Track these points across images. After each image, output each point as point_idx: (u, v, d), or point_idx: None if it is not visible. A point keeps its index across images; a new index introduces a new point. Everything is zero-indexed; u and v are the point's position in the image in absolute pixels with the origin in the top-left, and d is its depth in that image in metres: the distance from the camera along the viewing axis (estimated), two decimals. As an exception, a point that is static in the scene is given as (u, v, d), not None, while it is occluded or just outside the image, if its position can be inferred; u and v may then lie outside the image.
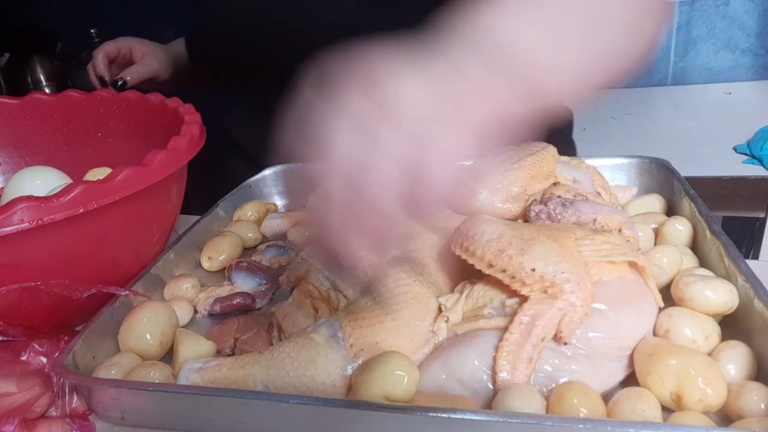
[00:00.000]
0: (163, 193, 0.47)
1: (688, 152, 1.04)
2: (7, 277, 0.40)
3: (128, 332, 0.43)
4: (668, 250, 0.44)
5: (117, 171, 0.42)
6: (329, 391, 0.36)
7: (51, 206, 0.39)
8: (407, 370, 0.34)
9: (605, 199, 0.51)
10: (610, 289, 0.37)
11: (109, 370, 0.40)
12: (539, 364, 0.35)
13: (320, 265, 0.47)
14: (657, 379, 0.34)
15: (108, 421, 0.39)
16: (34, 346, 0.41)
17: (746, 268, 0.39)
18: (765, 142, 0.96)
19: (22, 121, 0.65)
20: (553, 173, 0.50)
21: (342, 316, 0.39)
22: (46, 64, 1.51)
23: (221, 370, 0.38)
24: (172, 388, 0.38)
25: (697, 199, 0.49)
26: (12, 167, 0.65)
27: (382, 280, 0.41)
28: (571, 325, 0.34)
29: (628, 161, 0.59)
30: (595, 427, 0.29)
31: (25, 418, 0.37)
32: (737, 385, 0.33)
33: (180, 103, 0.57)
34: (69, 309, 0.45)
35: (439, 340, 0.38)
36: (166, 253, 0.52)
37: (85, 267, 0.44)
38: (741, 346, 0.36)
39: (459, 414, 0.31)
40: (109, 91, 0.65)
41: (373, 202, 0.31)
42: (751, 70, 1.37)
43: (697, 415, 0.32)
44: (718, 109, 1.24)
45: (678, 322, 0.38)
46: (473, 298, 0.39)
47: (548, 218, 0.44)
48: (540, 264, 0.35)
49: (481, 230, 0.38)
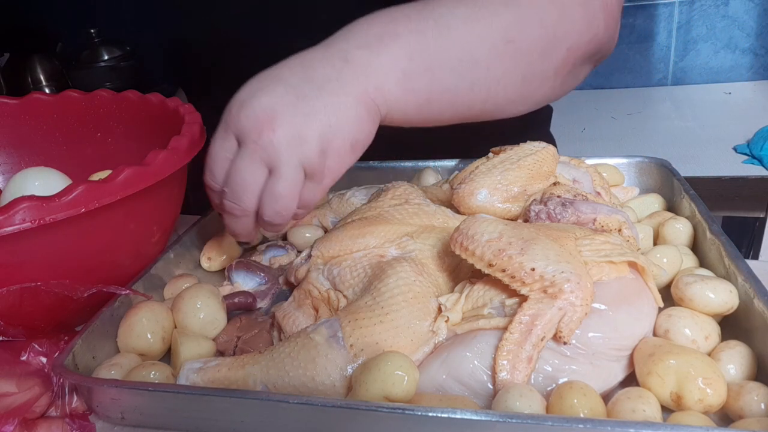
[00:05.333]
0: (164, 193, 0.47)
1: (688, 152, 1.04)
2: (7, 277, 0.40)
3: (128, 332, 0.43)
4: (668, 250, 0.44)
5: (118, 171, 0.42)
6: (329, 391, 0.36)
7: (53, 206, 0.39)
8: (407, 370, 0.34)
9: (605, 199, 0.51)
10: (610, 289, 0.37)
11: (109, 370, 0.40)
12: (539, 364, 0.35)
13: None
14: (657, 379, 0.34)
15: (108, 421, 0.39)
16: (34, 346, 0.41)
17: (746, 268, 0.39)
18: (765, 142, 0.96)
19: (21, 121, 0.65)
20: (553, 173, 0.50)
21: (342, 316, 0.39)
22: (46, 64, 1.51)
23: (221, 370, 0.38)
24: (172, 388, 0.38)
25: (697, 199, 0.49)
26: (12, 167, 0.65)
27: (382, 280, 0.41)
28: (571, 325, 0.34)
29: (628, 161, 0.59)
30: (595, 427, 0.29)
31: (25, 418, 0.37)
32: (737, 385, 0.33)
33: (180, 103, 0.57)
34: (69, 309, 0.45)
35: (439, 340, 0.38)
36: (166, 253, 0.52)
37: (85, 267, 0.44)
38: (741, 346, 0.36)
39: (459, 414, 0.31)
40: (109, 91, 0.65)
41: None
42: (751, 70, 1.37)
43: (697, 415, 0.32)
44: (718, 109, 1.24)
45: (678, 322, 0.38)
46: (473, 298, 0.39)
47: (548, 218, 0.44)
48: (540, 264, 0.35)
49: (480, 230, 0.38)
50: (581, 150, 1.12)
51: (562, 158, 0.54)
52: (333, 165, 0.42)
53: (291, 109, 0.40)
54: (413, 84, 0.44)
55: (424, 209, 0.50)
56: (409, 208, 0.50)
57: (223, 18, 0.68)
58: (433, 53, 0.44)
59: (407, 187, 0.53)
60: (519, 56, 0.46)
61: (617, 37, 0.54)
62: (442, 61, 0.44)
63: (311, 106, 0.41)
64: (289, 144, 0.40)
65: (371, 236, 0.47)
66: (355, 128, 0.42)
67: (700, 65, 1.39)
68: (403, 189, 0.53)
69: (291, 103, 0.40)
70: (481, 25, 0.45)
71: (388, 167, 0.65)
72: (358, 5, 0.62)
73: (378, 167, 0.65)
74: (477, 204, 0.47)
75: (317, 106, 0.41)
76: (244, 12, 0.66)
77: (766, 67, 1.36)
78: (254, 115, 0.40)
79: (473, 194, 0.47)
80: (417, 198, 0.51)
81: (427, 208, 0.50)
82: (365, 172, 0.65)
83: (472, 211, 0.47)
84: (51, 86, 1.51)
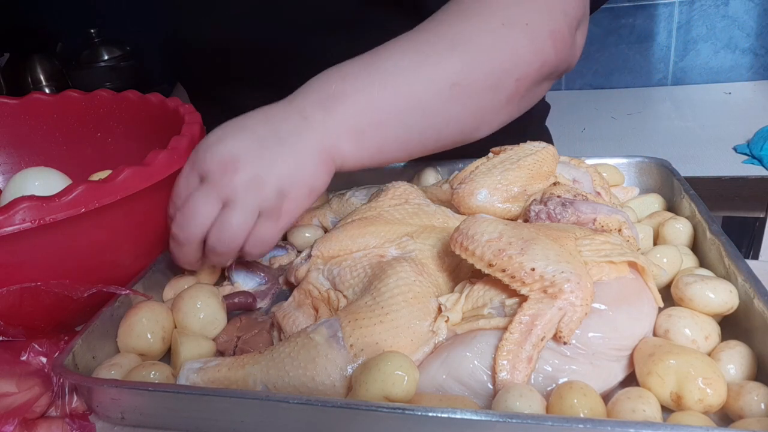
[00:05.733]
0: (164, 193, 0.47)
1: (688, 152, 1.04)
2: (7, 277, 0.40)
3: (128, 332, 0.43)
4: (668, 250, 0.44)
5: (118, 171, 0.42)
6: (329, 391, 0.36)
7: (53, 206, 0.39)
8: (407, 370, 0.34)
9: (605, 199, 0.51)
10: (610, 289, 0.37)
11: (109, 370, 0.40)
12: (539, 364, 0.35)
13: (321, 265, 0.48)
14: (657, 379, 0.34)
15: (108, 421, 0.39)
16: (34, 346, 0.41)
17: (746, 268, 0.39)
18: (765, 142, 0.96)
19: (21, 121, 0.65)
20: (553, 173, 0.50)
21: (342, 316, 0.39)
22: (46, 64, 1.51)
23: (221, 370, 0.38)
24: (172, 388, 0.38)
25: (697, 199, 0.49)
26: (12, 167, 0.65)
27: (382, 280, 0.41)
28: (571, 325, 0.34)
29: (628, 161, 0.59)
30: (595, 427, 0.29)
31: (25, 418, 0.37)
32: (737, 385, 0.33)
33: (180, 103, 0.57)
34: (69, 309, 0.45)
35: (439, 340, 0.38)
36: (166, 253, 0.52)
37: (85, 267, 0.44)
38: (741, 346, 0.36)
39: (459, 414, 0.31)
40: (109, 91, 0.65)
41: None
42: (751, 70, 1.37)
43: (697, 415, 0.32)
44: (718, 109, 1.24)
45: (678, 322, 0.38)
46: (473, 298, 0.39)
47: (548, 218, 0.44)
48: (539, 264, 0.35)
49: (480, 230, 0.38)
50: (581, 150, 1.12)
51: (562, 158, 0.54)
52: (290, 208, 0.45)
53: (253, 155, 0.43)
54: (365, 140, 0.47)
55: (424, 209, 0.50)
56: (409, 208, 0.50)
57: (223, 18, 0.68)
58: (380, 108, 0.47)
59: (407, 187, 0.53)
60: (466, 97, 0.48)
61: (578, 53, 0.55)
62: (389, 114, 0.47)
63: (273, 154, 0.44)
64: (248, 186, 0.43)
65: (371, 236, 0.47)
66: (312, 177, 0.45)
67: (700, 65, 1.39)
68: (403, 189, 0.53)
69: (254, 150, 0.44)
70: (426, 73, 0.47)
71: (388, 167, 0.65)
72: (357, 5, 0.62)
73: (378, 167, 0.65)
74: (477, 204, 0.47)
75: (278, 155, 0.44)
76: (244, 12, 0.66)
77: (766, 67, 1.36)
78: (219, 158, 0.43)
79: (473, 194, 0.47)
80: (417, 198, 0.51)
81: (427, 208, 0.50)
82: (365, 172, 0.64)
83: (472, 211, 0.47)
84: (51, 86, 1.51)
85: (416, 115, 0.47)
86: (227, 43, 0.69)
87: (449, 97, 0.48)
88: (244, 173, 0.43)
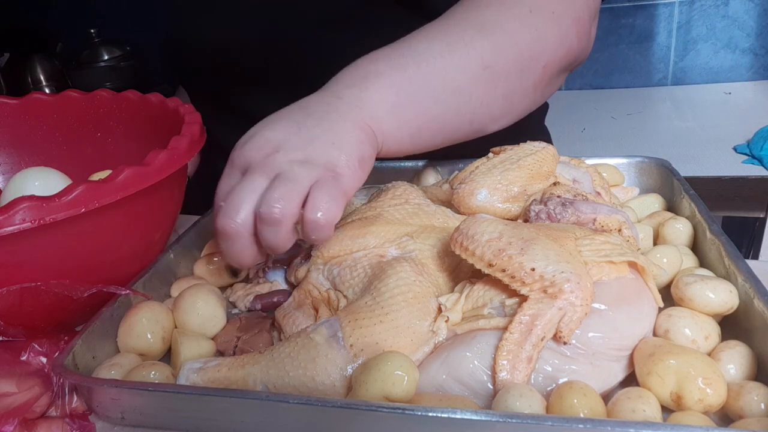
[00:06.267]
0: (164, 193, 0.47)
1: (688, 152, 1.04)
2: (7, 277, 0.40)
3: (128, 332, 0.43)
4: (668, 250, 0.44)
5: (118, 171, 0.42)
6: (329, 391, 0.36)
7: (53, 206, 0.39)
8: (407, 370, 0.34)
9: (605, 199, 0.51)
10: (610, 289, 0.37)
11: (109, 370, 0.40)
12: (539, 364, 0.35)
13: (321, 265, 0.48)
14: (657, 379, 0.34)
15: (108, 421, 0.39)
16: (34, 346, 0.41)
17: (746, 268, 0.39)
18: (765, 142, 0.96)
19: (21, 121, 0.65)
20: (553, 173, 0.50)
21: (342, 316, 0.39)
22: (46, 64, 1.52)
23: (221, 370, 0.38)
24: (172, 388, 0.38)
25: (697, 199, 0.49)
26: (11, 167, 0.65)
27: (382, 280, 0.41)
28: (571, 325, 0.34)
29: (628, 161, 0.59)
30: (595, 427, 0.29)
31: (25, 418, 0.37)
32: (737, 385, 0.33)
33: (180, 103, 0.57)
34: (69, 309, 0.45)
35: (439, 340, 0.38)
36: (166, 253, 0.52)
37: (85, 267, 0.44)
38: (741, 346, 0.36)
39: (459, 414, 0.31)
40: (109, 91, 0.65)
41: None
42: (751, 70, 1.37)
43: (697, 415, 0.32)
44: (718, 109, 1.24)
45: (678, 322, 0.38)
46: (473, 298, 0.39)
47: (548, 218, 0.44)
48: (539, 264, 0.35)
49: (480, 230, 0.38)
50: (581, 150, 1.12)
51: (562, 158, 0.54)
52: (346, 180, 0.42)
53: (294, 137, 0.42)
54: (403, 116, 0.47)
55: (424, 209, 0.50)
56: (409, 208, 0.50)
57: (223, 18, 0.68)
58: (416, 86, 0.47)
59: (407, 187, 0.53)
60: (497, 79, 0.49)
61: (592, 44, 0.57)
62: (425, 92, 0.47)
63: (312, 131, 0.43)
64: (294, 162, 0.41)
65: (371, 236, 0.47)
66: (358, 148, 0.44)
67: (700, 65, 1.39)
68: (403, 189, 0.53)
69: (293, 132, 0.43)
70: (458, 55, 0.48)
71: (388, 167, 0.65)
72: (358, 4, 0.62)
73: (378, 167, 0.65)
74: (477, 204, 0.47)
75: (318, 132, 0.43)
76: (244, 12, 0.66)
77: (766, 67, 1.36)
78: (258, 146, 0.42)
79: (473, 194, 0.47)
80: (417, 198, 0.51)
81: (427, 208, 0.50)
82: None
83: (472, 211, 0.47)
84: (51, 86, 1.51)
85: (452, 94, 0.48)
86: (227, 43, 0.69)
87: (482, 79, 0.48)
88: (287, 152, 0.41)
